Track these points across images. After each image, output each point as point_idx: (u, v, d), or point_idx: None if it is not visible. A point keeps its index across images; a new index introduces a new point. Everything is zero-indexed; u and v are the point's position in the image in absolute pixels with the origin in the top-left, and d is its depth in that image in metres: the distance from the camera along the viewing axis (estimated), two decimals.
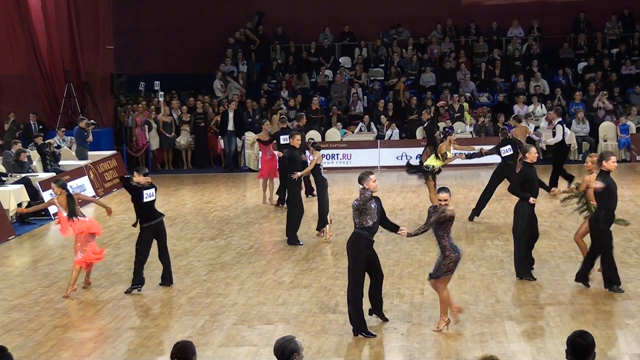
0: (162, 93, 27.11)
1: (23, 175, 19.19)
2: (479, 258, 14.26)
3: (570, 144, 25.54)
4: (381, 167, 24.47)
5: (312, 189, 19.18)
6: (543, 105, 26.78)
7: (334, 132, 26.45)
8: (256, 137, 20.44)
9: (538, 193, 13.02)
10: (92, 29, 26.64)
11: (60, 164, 21.31)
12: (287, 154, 16.19)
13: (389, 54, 30.05)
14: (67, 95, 25.28)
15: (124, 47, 29.29)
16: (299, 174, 15.72)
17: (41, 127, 24.32)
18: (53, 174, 20.08)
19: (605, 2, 29.92)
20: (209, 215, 18.92)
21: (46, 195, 19.03)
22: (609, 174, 11.92)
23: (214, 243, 16.07)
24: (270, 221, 18.07)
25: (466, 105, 27.29)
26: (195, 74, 30.24)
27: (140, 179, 12.82)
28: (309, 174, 16.50)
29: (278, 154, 19.08)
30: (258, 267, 14.15)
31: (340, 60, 30.58)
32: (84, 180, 20.83)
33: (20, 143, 20.38)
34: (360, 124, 26.93)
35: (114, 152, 24.52)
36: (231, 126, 25.50)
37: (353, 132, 26.78)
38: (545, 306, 11.57)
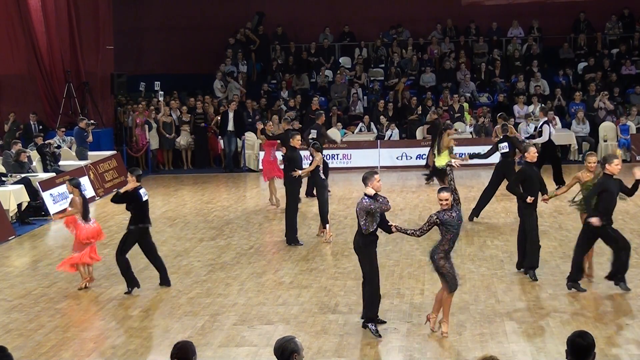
0: (162, 93, 27.12)
1: (23, 175, 19.18)
2: (479, 258, 14.26)
3: (570, 144, 25.68)
4: (381, 167, 24.46)
5: (313, 190, 19.21)
6: (543, 105, 26.76)
7: (334, 133, 26.43)
8: (260, 132, 19.58)
9: (538, 193, 13.01)
10: (92, 29, 26.65)
11: (60, 164, 21.30)
12: (288, 155, 16.19)
13: (389, 54, 30.06)
14: (67, 95, 25.29)
15: (124, 47, 29.29)
16: (299, 172, 15.73)
17: (41, 127, 24.32)
18: (53, 174, 20.09)
19: (605, 2, 29.93)
20: (209, 215, 18.92)
21: (46, 195, 19.06)
22: (612, 177, 11.89)
23: (214, 243, 16.07)
24: (270, 221, 18.07)
25: (466, 105, 27.30)
26: (195, 74, 30.23)
27: (131, 180, 12.71)
28: (309, 174, 16.47)
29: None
30: (258, 268, 14.15)
31: (340, 60, 30.59)
32: (84, 180, 20.73)
33: (20, 143, 20.38)
34: (360, 124, 26.94)
35: (114, 153, 24.51)
36: (231, 126, 25.51)
37: (353, 133, 26.78)
38: (545, 306, 11.57)
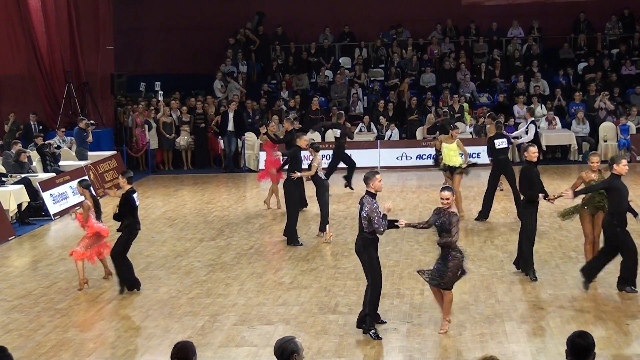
0: (162, 93, 27.12)
1: (23, 175, 19.17)
2: (479, 258, 14.26)
3: (570, 144, 25.69)
4: (381, 168, 24.44)
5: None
6: (543, 105, 26.78)
7: (334, 133, 26.39)
8: (263, 135, 19.27)
9: (539, 192, 13.02)
10: (92, 29, 26.65)
11: (60, 165, 21.29)
12: (292, 153, 16.17)
13: (389, 55, 30.06)
14: (67, 95, 25.29)
15: (124, 47, 29.29)
16: (298, 174, 15.73)
17: (41, 128, 24.31)
18: (53, 175, 20.08)
19: (605, 3, 29.93)
20: (209, 215, 18.92)
21: (46, 195, 19.05)
22: (620, 178, 11.87)
23: (214, 243, 16.07)
24: (270, 221, 18.06)
25: (466, 105, 27.28)
26: (195, 74, 30.23)
27: (123, 183, 12.66)
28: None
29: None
30: (258, 268, 14.15)
31: (340, 60, 30.59)
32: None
33: (20, 143, 20.37)
34: (360, 125, 26.92)
35: (114, 153, 24.51)
36: (231, 126, 25.49)
37: (353, 133, 26.74)
38: (545, 306, 11.57)
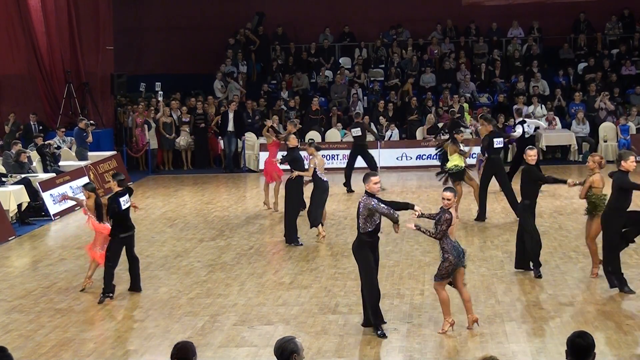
0: (162, 93, 27.12)
1: (23, 175, 19.18)
2: (479, 258, 14.26)
3: (570, 144, 25.69)
4: (381, 168, 24.43)
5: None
6: (543, 105, 26.78)
7: (334, 133, 26.44)
8: (268, 127, 19.20)
9: (537, 195, 13.04)
10: (92, 29, 26.65)
11: (60, 165, 21.29)
12: (289, 156, 16.20)
13: (389, 55, 30.05)
14: (67, 95, 25.29)
15: (124, 47, 29.29)
16: (297, 173, 15.74)
17: (41, 128, 24.30)
18: (53, 175, 20.09)
19: (605, 3, 29.93)
20: (209, 215, 18.92)
21: (46, 195, 19.05)
22: (627, 174, 11.86)
23: (214, 244, 16.07)
24: (270, 221, 18.06)
25: (466, 105, 27.26)
26: (195, 74, 30.21)
27: (113, 186, 12.64)
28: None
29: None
30: (258, 268, 14.16)
31: (340, 60, 30.59)
32: (84, 180, 20.72)
33: (20, 144, 20.37)
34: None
35: (114, 153, 24.51)
36: (231, 127, 25.49)
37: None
38: (545, 306, 11.57)
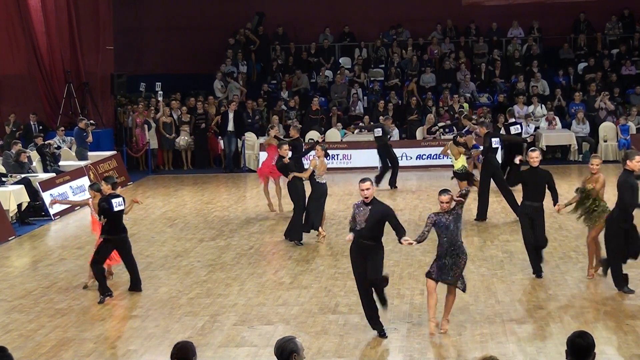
0: (161, 93, 27.12)
1: (23, 175, 19.18)
2: (479, 258, 14.26)
3: (570, 144, 25.68)
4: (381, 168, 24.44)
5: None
6: (543, 105, 26.79)
7: (334, 133, 26.44)
8: (269, 140, 18.95)
9: (534, 196, 13.00)
10: (92, 29, 26.66)
11: (60, 165, 21.29)
12: (279, 164, 16.42)
13: (389, 55, 30.06)
14: (67, 95, 25.30)
15: (124, 47, 29.29)
16: (294, 174, 15.79)
17: (41, 128, 24.31)
18: (53, 175, 20.09)
19: (605, 3, 29.93)
20: (209, 215, 18.92)
21: (46, 195, 19.05)
22: (632, 174, 11.84)
23: (214, 244, 16.07)
24: (270, 221, 18.05)
25: (466, 105, 27.28)
26: (195, 74, 30.22)
27: (106, 188, 12.60)
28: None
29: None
30: (258, 268, 14.16)
31: (340, 60, 30.59)
32: (84, 180, 20.75)
33: (20, 143, 20.37)
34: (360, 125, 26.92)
35: (114, 153, 24.51)
36: (231, 127, 25.49)
37: (353, 133, 26.77)
38: (545, 306, 11.58)
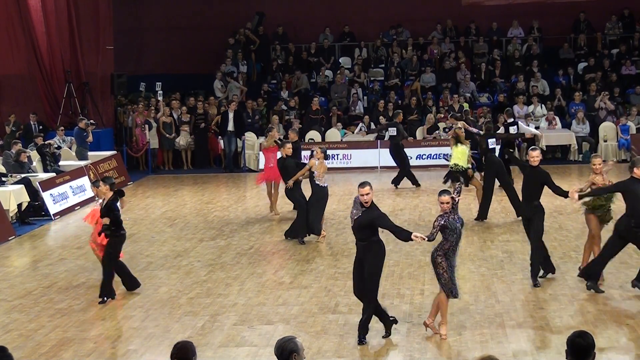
0: (161, 93, 27.12)
1: (23, 175, 19.18)
2: (479, 258, 14.27)
3: (570, 144, 25.69)
4: (381, 168, 24.46)
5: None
6: (543, 105, 26.79)
7: (334, 133, 26.45)
8: (267, 143, 18.82)
9: (531, 196, 12.99)
10: (92, 29, 26.65)
11: (60, 165, 21.28)
12: (280, 164, 16.39)
13: (389, 55, 30.05)
14: (67, 95, 25.28)
15: (124, 47, 29.28)
16: (294, 178, 15.81)
17: (41, 128, 24.30)
18: (53, 175, 20.08)
19: (605, 3, 29.92)
20: (209, 215, 18.92)
21: (46, 195, 19.05)
22: (638, 181, 11.84)
23: (214, 243, 16.07)
24: (270, 221, 18.05)
25: (466, 105, 27.25)
26: (195, 74, 30.22)
27: (105, 189, 12.57)
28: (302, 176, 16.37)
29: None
30: (258, 268, 14.16)
31: (340, 60, 30.59)
32: (84, 180, 20.77)
33: (20, 143, 20.36)
34: (360, 125, 26.93)
35: (114, 153, 24.50)
36: (231, 126, 25.49)
37: (353, 133, 26.77)
38: (545, 306, 11.58)
